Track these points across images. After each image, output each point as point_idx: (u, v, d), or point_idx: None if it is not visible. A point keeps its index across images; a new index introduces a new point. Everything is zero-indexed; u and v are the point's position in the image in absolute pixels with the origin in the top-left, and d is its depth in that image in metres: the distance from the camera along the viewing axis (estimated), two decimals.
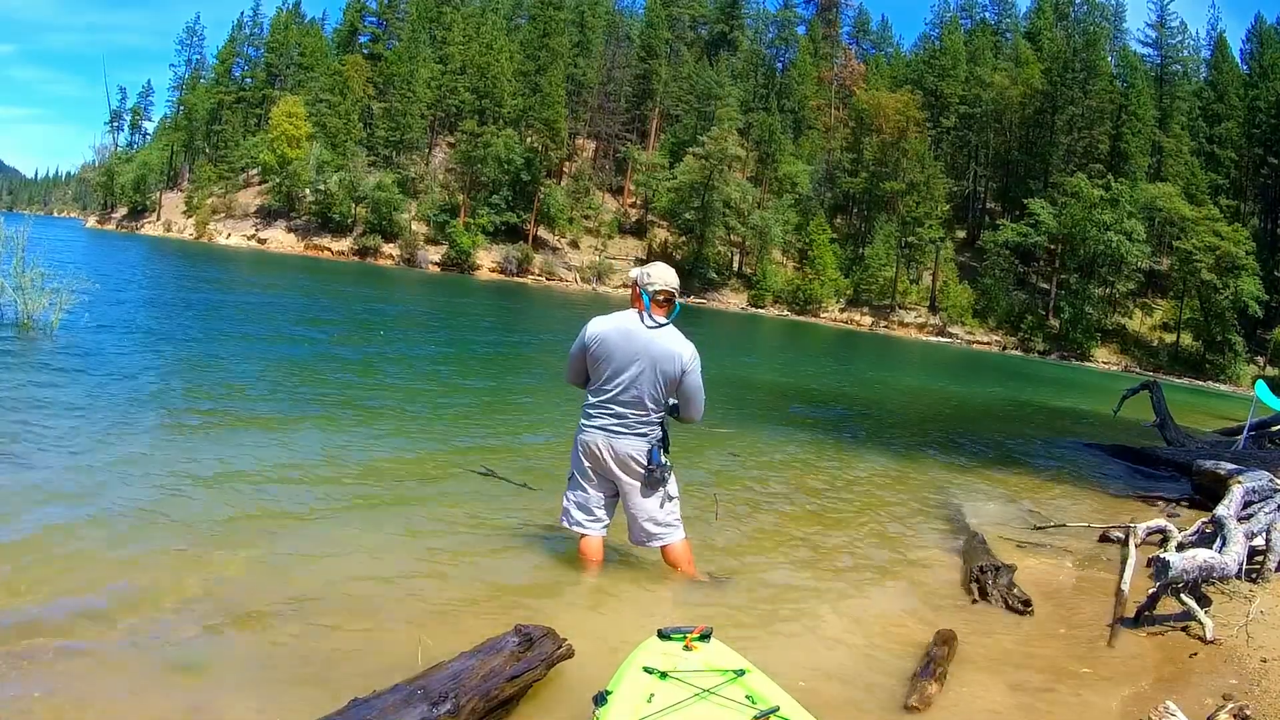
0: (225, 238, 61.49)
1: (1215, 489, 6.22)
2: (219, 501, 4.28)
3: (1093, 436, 12.24)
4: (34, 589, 3.03)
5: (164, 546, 3.59)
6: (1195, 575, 3.88)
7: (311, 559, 3.70)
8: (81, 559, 3.37)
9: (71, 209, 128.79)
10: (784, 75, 79.07)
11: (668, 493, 3.79)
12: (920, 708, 2.83)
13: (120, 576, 3.24)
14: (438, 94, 65.30)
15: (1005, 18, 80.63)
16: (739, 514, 5.33)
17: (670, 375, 3.68)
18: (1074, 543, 5.56)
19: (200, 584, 3.25)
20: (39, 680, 2.45)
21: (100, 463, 4.72)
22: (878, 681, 3.08)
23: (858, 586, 4.28)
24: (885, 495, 6.65)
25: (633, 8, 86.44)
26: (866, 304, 60.37)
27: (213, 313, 15.35)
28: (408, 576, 3.64)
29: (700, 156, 59.05)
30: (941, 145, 69.24)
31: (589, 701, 2.31)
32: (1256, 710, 2.86)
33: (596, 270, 59.79)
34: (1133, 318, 59.38)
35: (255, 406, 6.95)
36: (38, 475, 4.33)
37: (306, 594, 3.30)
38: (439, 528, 4.36)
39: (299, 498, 4.56)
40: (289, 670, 2.70)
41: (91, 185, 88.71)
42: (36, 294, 9.07)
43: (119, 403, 6.34)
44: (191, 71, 78.58)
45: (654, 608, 3.58)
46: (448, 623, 3.17)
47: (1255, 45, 67.21)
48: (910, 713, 2.81)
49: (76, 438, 5.15)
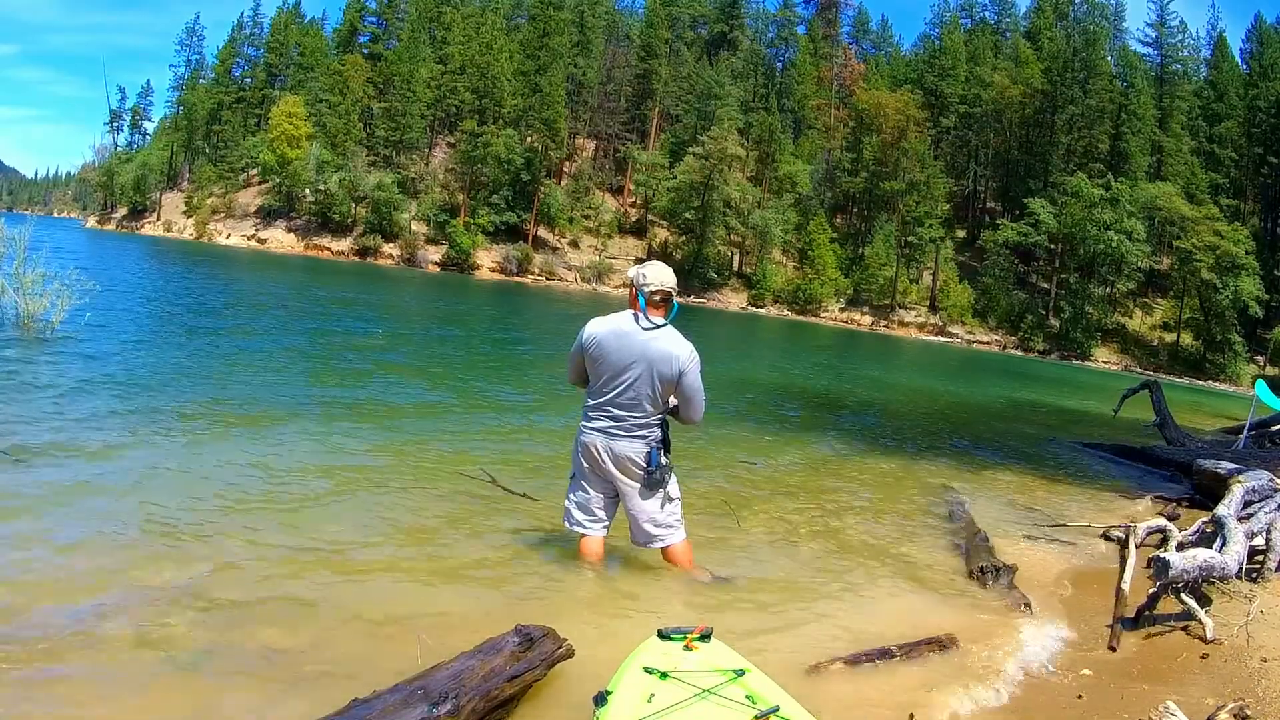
0: (225, 238, 61.49)
1: (1215, 488, 6.23)
2: (218, 502, 4.28)
3: (1093, 436, 12.23)
4: (33, 589, 3.03)
5: (163, 546, 3.58)
6: (1195, 575, 3.88)
7: (311, 560, 3.70)
8: (80, 559, 3.36)
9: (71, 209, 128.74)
10: (784, 75, 79.11)
11: (668, 494, 3.77)
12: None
13: (120, 576, 3.24)
14: (438, 94, 65.29)
15: (1005, 17, 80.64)
16: (739, 513, 5.32)
17: (668, 377, 3.65)
18: (1074, 542, 5.56)
19: (199, 584, 3.25)
20: (38, 680, 2.45)
21: (98, 462, 4.72)
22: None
23: (857, 586, 4.27)
24: (885, 495, 6.65)
25: (633, 7, 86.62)
26: (866, 303, 60.37)
27: (212, 312, 15.34)
28: (408, 576, 3.64)
29: (700, 156, 59.04)
30: (941, 145, 69.26)
31: (589, 701, 2.31)
32: (1256, 710, 2.86)
33: (596, 270, 59.79)
34: (1133, 317, 59.40)
35: (254, 407, 6.94)
36: (36, 475, 4.33)
37: (306, 595, 3.30)
38: (439, 528, 4.36)
39: (298, 499, 4.56)
40: (289, 671, 2.70)
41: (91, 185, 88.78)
42: (37, 294, 9.06)
43: (119, 402, 6.33)
44: (191, 72, 78.59)
45: (654, 608, 3.57)
46: (448, 623, 3.17)
47: (1255, 45, 67.24)
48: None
49: (75, 437, 5.14)
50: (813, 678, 3.02)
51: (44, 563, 3.28)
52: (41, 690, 2.41)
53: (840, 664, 3.12)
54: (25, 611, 2.85)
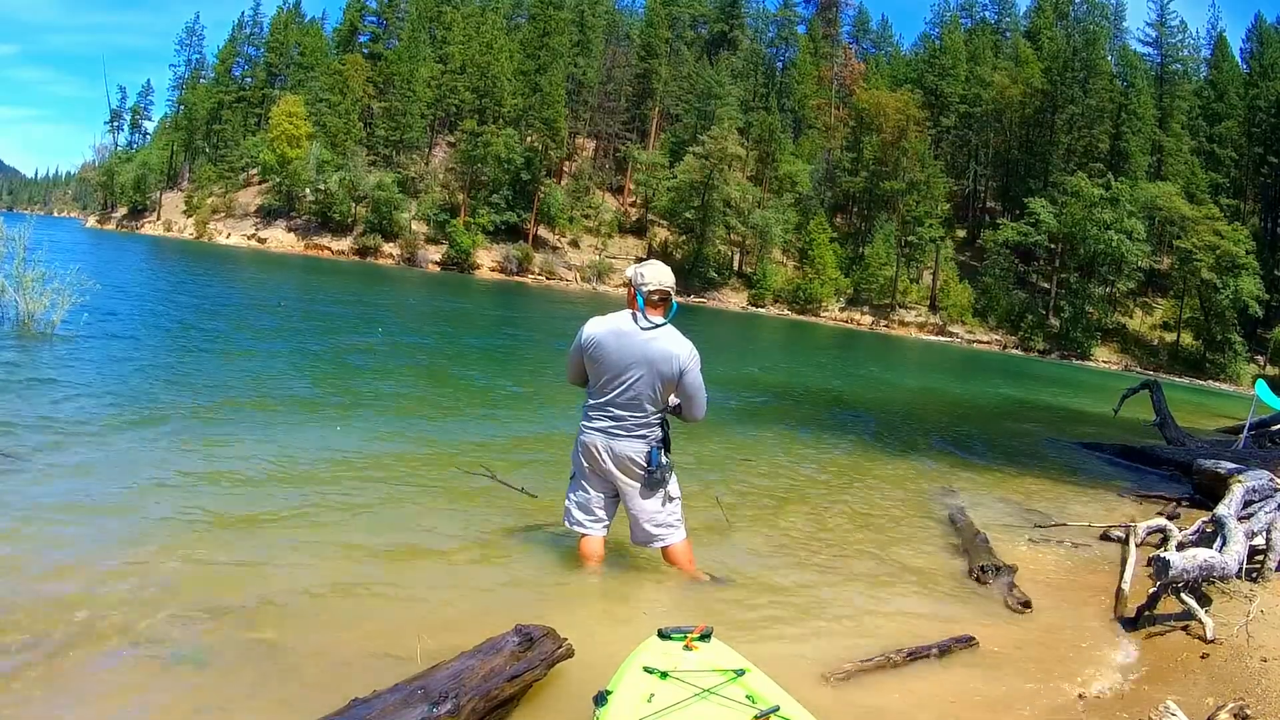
0: (225, 237, 61.46)
1: (1215, 488, 6.22)
2: (217, 501, 4.28)
3: (1093, 436, 12.23)
4: (33, 589, 3.03)
5: (162, 546, 3.58)
6: (1195, 574, 3.88)
7: (310, 559, 3.70)
8: (79, 558, 3.36)
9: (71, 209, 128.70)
10: (784, 74, 79.08)
11: (668, 493, 3.77)
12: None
13: (118, 575, 3.23)
14: (438, 93, 65.26)
15: (1005, 17, 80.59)
16: (739, 513, 5.32)
17: (668, 376, 3.64)
18: (1074, 542, 5.56)
19: (199, 584, 3.25)
20: (38, 680, 2.45)
21: (96, 462, 4.72)
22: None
23: (857, 586, 4.27)
24: (885, 494, 6.65)
25: (633, 7, 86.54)
26: (866, 303, 60.34)
27: (212, 312, 15.34)
28: (408, 576, 3.64)
29: (700, 156, 59.00)
30: (941, 144, 69.22)
31: (589, 701, 2.31)
32: (1256, 710, 2.86)
33: (596, 270, 59.77)
34: (1133, 317, 59.39)
35: (253, 406, 6.94)
36: (34, 474, 4.33)
37: (306, 593, 3.30)
38: (439, 528, 4.35)
39: (298, 498, 4.55)
40: (289, 670, 2.70)
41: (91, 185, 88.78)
42: (37, 294, 9.06)
43: (118, 401, 6.33)
44: (191, 71, 78.49)
45: (654, 607, 3.57)
46: (448, 623, 3.16)
47: (1255, 44, 67.21)
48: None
49: (74, 437, 5.14)
50: (812, 678, 3.02)
51: (42, 562, 3.28)
52: (40, 690, 2.41)
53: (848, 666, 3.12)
54: (23, 611, 2.85)
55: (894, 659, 3.20)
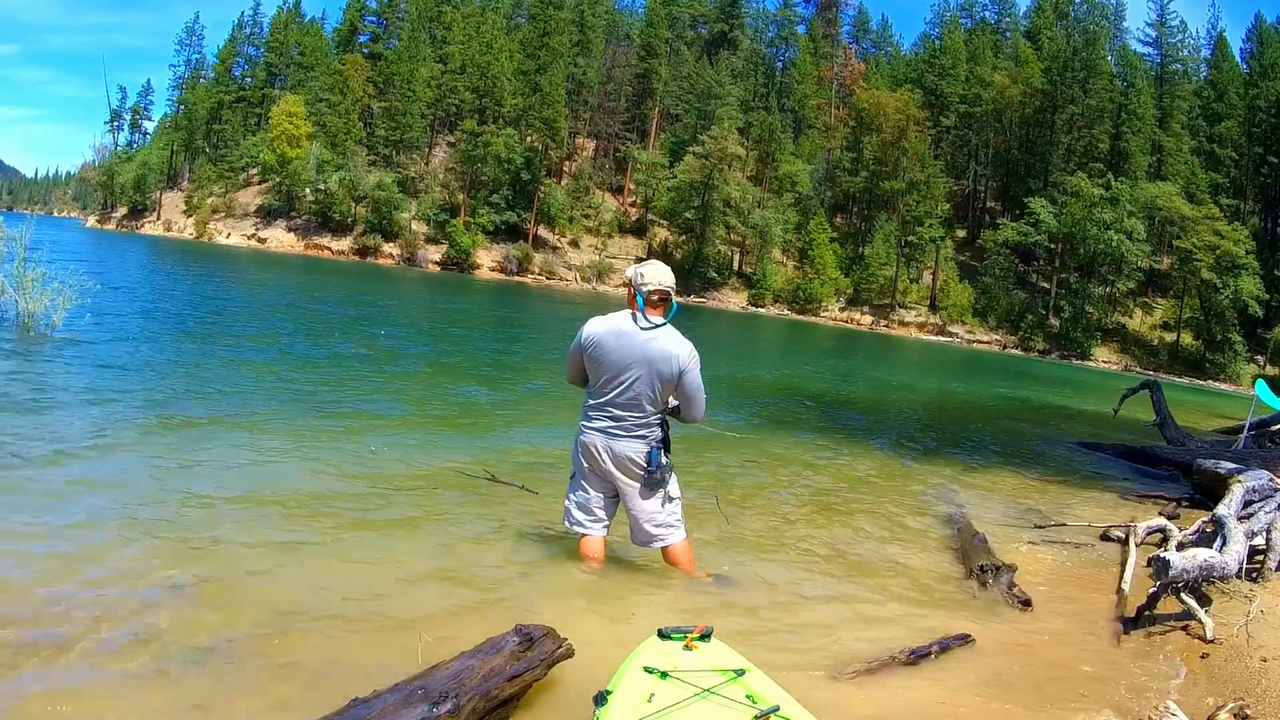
0: (225, 237, 61.47)
1: (1215, 488, 6.22)
2: (216, 502, 4.28)
3: (1093, 436, 12.23)
4: (32, 589, 3.03)
5: (161, 545, 3.58)
6: (1195, 574, 3.88)
7: (310, 559, 3.70)
8: (77, 559, 3.35)
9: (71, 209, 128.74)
10: (784, 74, 79.11)
11: (668, 493, 3.77)
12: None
13: (118, 576, 3.23)
14: (438, 93, 65.27)
15: (1005, 17, 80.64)
16: (739, 513, 5.33)
17: (668, 376, 3.64)
18: (1074, 542, 5.56)
19: (198, 584, 3.25)
20: (37, 680, 2.45)
21: (95, 462, 4.72)
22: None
23: (857, 585, 4.27)
24: (885, 494, 6.65)
25: (633, 7, 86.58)
26: (866, 303, 60.36)
27: (212, 312, 15.34)
28: (407, 576, 3.63)
29: (700, 156, 59.02)
30: (941, 144, 69.26)
31: (589, 701, 2.31)
32: (1256, 710, 2.86)
33: (597, 269, 59.79)
34: (1133, 317, 59.41)
35: (253, 407, 6.94)
36: (33, 474, 4.32)
37: (305, 593, 3.30)
38: (438, 527, 4.36)
39: (298, 497, 4.55)
40: (289, 670, 2.70)
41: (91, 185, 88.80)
42: (37, 294, 9.06)
43: (118, 401, 6.33)
44: (191, 71, 78.47)
45: (654, 607, 3.57)
46: (448, 622, 3.16)
47: (1255, 44, 67.24)
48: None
49: (74, 436, 5.13)
50: (812, 677, 3.02)
51: (41, 562, 3.28)
52: (40, 690, 2.41)
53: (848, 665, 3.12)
54: (22, 611, 2.85)
55: (894, 658, 3.20)
